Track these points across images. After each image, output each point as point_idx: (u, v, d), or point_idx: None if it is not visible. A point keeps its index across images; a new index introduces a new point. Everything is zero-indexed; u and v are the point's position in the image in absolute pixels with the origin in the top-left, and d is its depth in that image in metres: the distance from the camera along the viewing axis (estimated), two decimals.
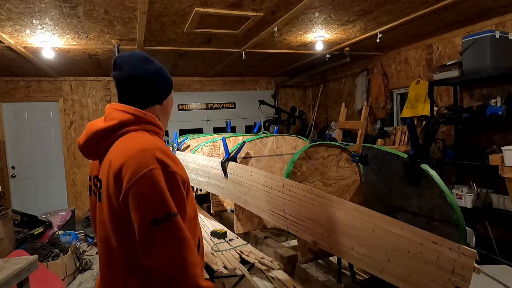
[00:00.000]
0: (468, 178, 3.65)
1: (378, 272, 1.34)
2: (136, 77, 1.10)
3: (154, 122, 1.08)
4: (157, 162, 0.94)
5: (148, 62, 1.14)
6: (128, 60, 1.11)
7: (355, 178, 2.31)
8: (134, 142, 0.99)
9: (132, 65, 1.11)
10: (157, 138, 1.06)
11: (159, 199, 0.91)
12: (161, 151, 0.97)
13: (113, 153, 1.00)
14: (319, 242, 1.68)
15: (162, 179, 0.92)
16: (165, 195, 0.92)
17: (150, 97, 1.12)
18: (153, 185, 0.91)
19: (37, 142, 5.66)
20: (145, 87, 1.11)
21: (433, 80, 3.85)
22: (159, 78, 1.15)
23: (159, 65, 1.18)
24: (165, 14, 2.93)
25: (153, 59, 1.18)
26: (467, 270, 1.06)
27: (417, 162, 2.03)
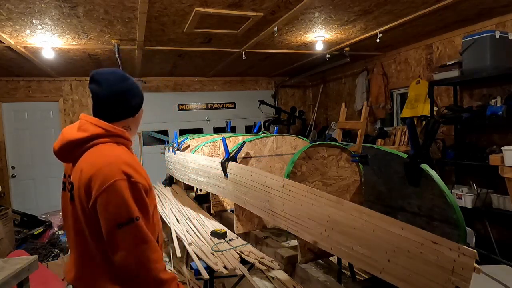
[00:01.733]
0: (468, 178, 3.65)
1: (378, 272, 1.34)
2: (114, 94, 1.23)
3: (122, 135, 1.23)
4: (122, 173, 1.09)
5: (125, 80, 1.27)
6: (107, 77, 1.24)
7: (355, 178, 2.31)
8: (103, 155, 1.14)
9: (111, 82, 1.23)
10: (123, 149, 1.22)
11: (123, 206, 1.06)
12: (126, 164, 1.12)
13: (84, 162, 1.16)
14: (319, 242, 1.68)
15: (126, 189, 1.08)
16: (128, 202, 1.07)
17: (125, 111, 1.28)
18: (117, 194, 1.06)
19: (37, 142, 5.66)
20: (121, 103, 1.25)
21: (433, 80, 3.85)
22: (134, 94, 1.29)
23: (133, 82, 1.31)
24: (165, 14, 2.93)
25: (129, 76, 1.31)
26: (467, 270, 1.06)
27: (417, 162, 2.03)
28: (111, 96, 1.23)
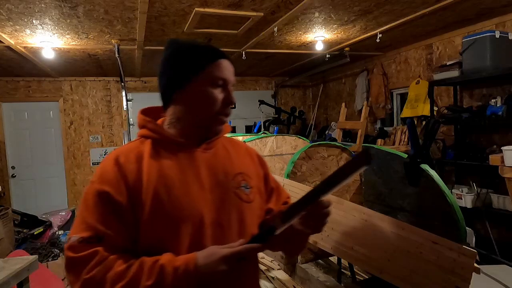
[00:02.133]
0: (468, 178, 3.65)
1: (378, 272, 1.34)
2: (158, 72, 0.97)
3: (145, 125, 0.94)
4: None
5: (166, 50, 0.96)
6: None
7: (355, 178, 2.31)
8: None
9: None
10: (136, 143, 0.92)
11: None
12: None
13: None
14: (319, 242, 1.68)
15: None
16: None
17: (162, 92, 0.96)
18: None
19: (37, 142, 5.66)
20: (159, 82, 0.97)
21: (433, 80, 3.85)
22: (173, 63, 0.92)
23: (174, 48, 0.93)
24: (165, 14, 2.93)
25: (175, 41, 0.96)
26: (467, 270, 1.06)
27: (417, 162, 2.03)
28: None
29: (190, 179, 0.87)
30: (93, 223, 0.79)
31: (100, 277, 0.74)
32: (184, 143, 0.91)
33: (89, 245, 0.77)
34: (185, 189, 0.85)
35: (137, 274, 0.75)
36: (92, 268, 0.75)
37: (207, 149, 0.93)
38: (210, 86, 0.88)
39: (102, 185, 0.82)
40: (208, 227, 0.84)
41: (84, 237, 0.78)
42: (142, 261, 0.78)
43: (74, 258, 0.77)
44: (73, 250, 0.77)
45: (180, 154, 0.89)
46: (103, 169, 0.85)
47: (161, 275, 0.74)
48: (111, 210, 0.80)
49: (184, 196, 0.84)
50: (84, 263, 0.76)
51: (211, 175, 0.90)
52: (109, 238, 0.79)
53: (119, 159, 0.85)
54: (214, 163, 0.92)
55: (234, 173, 0.94)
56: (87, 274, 0.74)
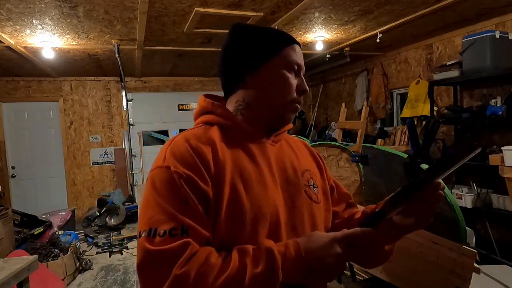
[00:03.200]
0: (468, 178, 3.65)
1: (378, 272, 1.34)
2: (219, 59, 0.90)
3: (213, 110, 0.83)
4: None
5: (228, 35, 0.88)
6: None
7: (355, 178, 2.31)
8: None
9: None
10: (202, 129, 0.81)
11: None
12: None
13: None
14: None
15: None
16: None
17: (225, 78, 0.87)
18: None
19: (37, 142, 5.66)
20: (220, 69, 0.90)
21: (433, 80, 3.85)
22: (238, 50, 0.84)
23: (245, 32, 0.85)
24: (165, 14, 2.93)
25: (242, 26, 0.87)
26: (467, 270, 1.06)
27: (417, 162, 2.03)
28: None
29: (264, 172, 0.77)
30: (175, 213, 0.66)
31: (196, 272, 0.62)
32: (255, 133, 0.82)
33: (174, 237, 0.64)
34: (262, 183, 0.75)
35: (240, 263, 0.64)
36: (184, 263, 0.63)
37: (275, 142, 0.85)
38: (286, 70, 0.81)
39: (182, 169, 0.69)
40: (283, 229, 0.74)
41: (166, 229, 0.65)
42: (239, 250, 0.67)
43: (158, 252, 0.63)
44: (154, 243, 0.64)
45: (251, 144, 0.80)
46: (179, 153, 0.72)
47: (271, 260, 0.63)
48: (196, 198, 0.68)
49: (262, 191, 0.74)
50: (173, 257, 0.63)
51: (281, 170, 0.81)
52: (195, 230, 0.67)
53: (190, 142, 0.74)
54: (282, 157, 0.84)
55: (302, 169, 0.86)
56: (179, 269, 0.62)
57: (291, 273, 0.64)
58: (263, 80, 0.81)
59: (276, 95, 0.81)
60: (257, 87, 0.81)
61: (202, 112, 0.85)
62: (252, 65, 0.81)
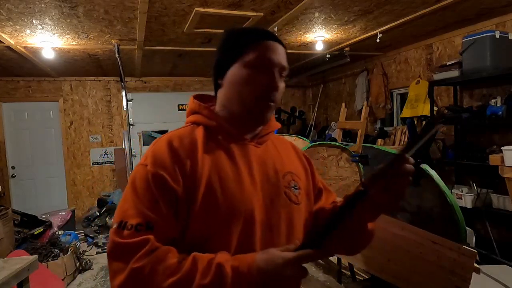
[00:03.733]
0: (468, 178, 3.65)
1: (378, 272, 1.34)
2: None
3: (199, 110, 0.88)
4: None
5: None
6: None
7: (355, 178, 2.31)
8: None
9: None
10: (188, 129, 0.86)
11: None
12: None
13: None
14: None
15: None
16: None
17: (213, 79, 0.90)
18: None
19: (37, 142, 5.66)
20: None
21: (433, 80, 3.85)
22: (218, 50, 0.88)
23: (222, 36, 0.89)
24: (165, 14, 2.93)
25: (227, 29, 0.90)
26: (467, 270, 1.06)
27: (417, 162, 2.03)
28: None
29: (243, 173, 0.80)
30: (144, 209, 0.72)
31: (150, 268, 0.67)
32: (238, 134, 0.85)
33: (139, 232, 0.69)
34: (239, 183, 0.79)
35: (191, 270, 0.67)
36: (142, 258, 0.67)
37: (259, 143, 0.88)
38: (248, 68, 0.81)
39: (156, 169, 0.74)
40: (258, 227, 0.77)
41: (133, 224, 0.70)
42: (195, 257, 0.70)
43: (122, 244, 0.69)
44: (121, 236, 0.70)
45: (233, 145, 0.83)
46: (157, 152, 0.78)
47: (220, 275, 0.67)
48: (164, 197, 0.73)
49: (238, 190, 0.78)
50: (133, 250, 0.68)
51: (262, 171, 0.84)
52: (160, 227, 0.71)
53: (173, 143, 0.79)
54: (265, 159, 0.86)
55: (284, 171, 0.88)
56: (136, 263, 0.67)
57: (243, 282, 0.67)
58: (230, 81, 0.83)
59: (241, 95, 0.82)
60: (227, 88, 0.85)
61: (191, 112, 0.89)
62: (222, 68, 0.85)
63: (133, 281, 0.67)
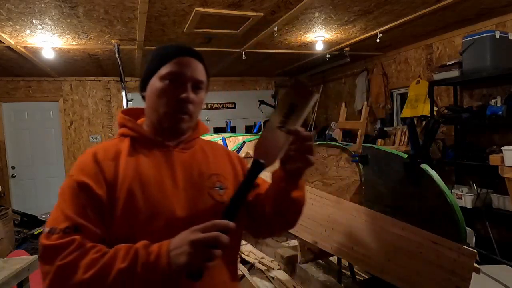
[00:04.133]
0: (468, 178, 3.65)
1: (378, 272, 1.34)
2: None
3: (125, 123, 0.96)
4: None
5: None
6: None
7: (355, 178, 2.31)
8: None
9: None
10: (115, 141, 0.94)
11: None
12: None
13: None
14: (319, 242, 1.68)
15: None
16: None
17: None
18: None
19: (37, 142, 5.66)
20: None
21: (433, 80, 3.85)
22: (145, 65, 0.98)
23: (154, 49, 0.98)
24: (165, 14, 2.93)
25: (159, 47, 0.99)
26: (467, 270, 1.06)
27: (417, 162, 2.03)
28: None
29: (165, 177, 0.89)
30: (71, 214, 0.78)
31: (74, 263, 0.72)
32: (161, 142, 0.93)
33: (66, 235, 0.76)
34: (159, 187, 0.86)
35: (111, 259, 0.73)
36: (67, 255, 0.73)
37: (185, 149, 0.95)
38: (162, 82, 0.89)
39: (81, 177, 0.83)
40: (180, 225, 0.82)
41: (62, 228, 0.77)
42: (117, 247, 0.77)
43: (49, 246, 0.75)
44: (49, 239, 0.76)
45: (157, 152, 0.92)
46: (82, 163, 0.87)
47: (135, 258, 0.73)
48: (90, 201, 0.80)
49: (158, 193, 0.85)
50: (59, 250, 0.74)
51: (186, 175, 0.92)
52: (86, 229, 0.78)
53: (97, 155, 0.87)
54: (190, 163, 0.94)
55: (209, 173, 0.95)
56: (61, 261, 0.72)
57: (152, 267, 0.72)
58: (148, 94, 0.93)
59: (156, 107, 0.90)
60: (147, 100, 0.94)
61: (120, 126, 0.98)
62: (143, 84, 0.95)
63: (59, 278, 0.72)
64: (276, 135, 0.81)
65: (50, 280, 0.73)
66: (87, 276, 0.71)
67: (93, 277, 0.71)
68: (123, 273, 0.71)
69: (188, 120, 0.92)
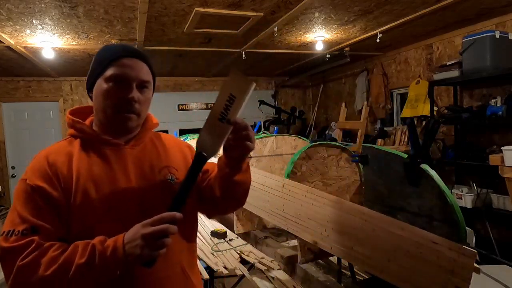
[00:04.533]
0: (468, 178, 3.65)
1: (378, 272, 1.34)
2: None
3: (73, 124, 0.99)
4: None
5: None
6: None
7: (355, 178, 2.31)
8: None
9: None
10: (65, 142, 0.97)
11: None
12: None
13: None
14: (319, 242, 1.68)
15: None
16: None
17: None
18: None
19: (37, 142, 5.65)
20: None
21: (433, 80, 3.85)
22: (90, 66, 1.02)
23: (99, 50, 1.02)
24: (165, 14, 2.93)
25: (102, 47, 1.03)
26: (467, 270, 1.06)
27: (417, 162, 2.03)
28: None
29: (117, 174, 0.92)
30: (28, 216, 0.81)
31: (34, 262, 0.76)
32: (110, 140, 0.95)
33: (24, 236, 0.79)
34: (112, 183, 0.90)
35: (70, 255, 0.77)
36: (27, 255, 0.76)
37: (135, 145, 0.98)
38: (107, 83, 0.92)
39: (35, 181, 0.85)
40: (134, 218, 0.85)
41: (20, 230, 0.79)
42: (75, 244, 0.80)
43: (8, 248, 0.77)
44: (7, 241, 0.78)
45: (108, 151, 0.94)
46: (35, 167, 0.89)
47: (93, 253, 0.77)
48: (45, 203, 0.83)
49: (111, 189, 0.89)
50: (19, 251, 0.77)
51: (137, 169, 0.95)
52: (44, 230, 0.81)
53: (49, 158, 0.89)
54: (141, 158, 0.98)
55: (160, 166, 0.99)
56: (21, 261, 0.76)
57: (110, 260, 0.77)
58: (95, 95, 0.96)
59: (103, 107, 0.93)
60: (94, 101, 0.97)
61: (69, 127, 1.00)
62: (89, 85, 0.99)
63: (21, 278, 0.75)
64: (217, 127, 0.87)
65: (12, 280, 0.76)
66: (48, 273, 0.75)
67: (54, 273, 0.75)
68: (83, 267, 0.76)
69: (136, 119, 0.95)
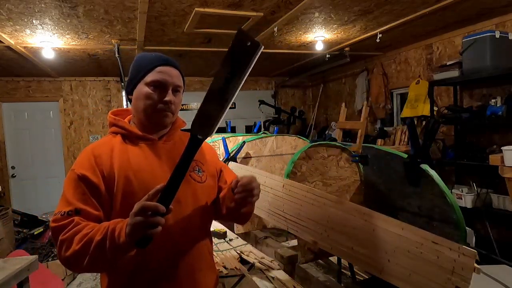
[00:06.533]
0: (468, 178, 3.65)
1: (378, 272, 1.34)
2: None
3: (115, 123, 1.14)
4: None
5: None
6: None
7: (355, 178, 2.31)
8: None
9: None
10: (108, 138, 1.13)
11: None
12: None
13: None
14: (319, 242, 1.68)
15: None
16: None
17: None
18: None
19: (37, 142, 5.66)
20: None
21: (433, 80, 3.85)
22: (130, 71, 1.17)
23: (137, 57, 1.18)
24: (165, 14, 2.93)
25: (138, 55, 1.20)
26: (467, 270, 1.06)
27: (417, 162, 2.03)
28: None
29: (153, 164, 1.08)
30: (73, 200, 0.99)
31: (71, 237, 0.93)
32: (146, 136, 1.11)
33: (69, 217, 0.96)
34: (149, 172, 1.05)
35: (94, 233, 0.92)
36: (66, 232, 0.94)
37: (167, 141, 1.15)
38: (148, 87, 1.08)
39: (80, 170, 1.02)
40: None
41: (66, 211, 0.97)
42: (101, 224, 0.95)
43: (55, 227, 0.96)
44: (56, 221, 0.97)
45: (144, 145, 1.11)
46: (81, 159, 1.06)
47: (107, 231, 0.90)
48: (88, 189, 1.00)
49: (149, 177, 1.04)
50: (62, 228, 0.95)
51: (169, 160, 1.10)
52: (85, 212, 0.98)
53: (94, 151, 1.06)
54: (172, 151, 1.13)
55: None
56: (62, 236, 0.94)
57: (117, 237, 0.89)
58: (136, 97, 1.12)
59: (142, 107, 1.10)
60: (134, 102, 1.13)
61: (110, 125, 1.17)
62: (130, 88, 1.14)
63: (62, 249, 0.94)
64: (213, 107, 0.90)
65: (58, 251, 0.97)
66: (78, 247, 0.91)
67: (82, 247, 0.91)
68: (99, 242, 0.90)
69: (171, 117, 1.12)
